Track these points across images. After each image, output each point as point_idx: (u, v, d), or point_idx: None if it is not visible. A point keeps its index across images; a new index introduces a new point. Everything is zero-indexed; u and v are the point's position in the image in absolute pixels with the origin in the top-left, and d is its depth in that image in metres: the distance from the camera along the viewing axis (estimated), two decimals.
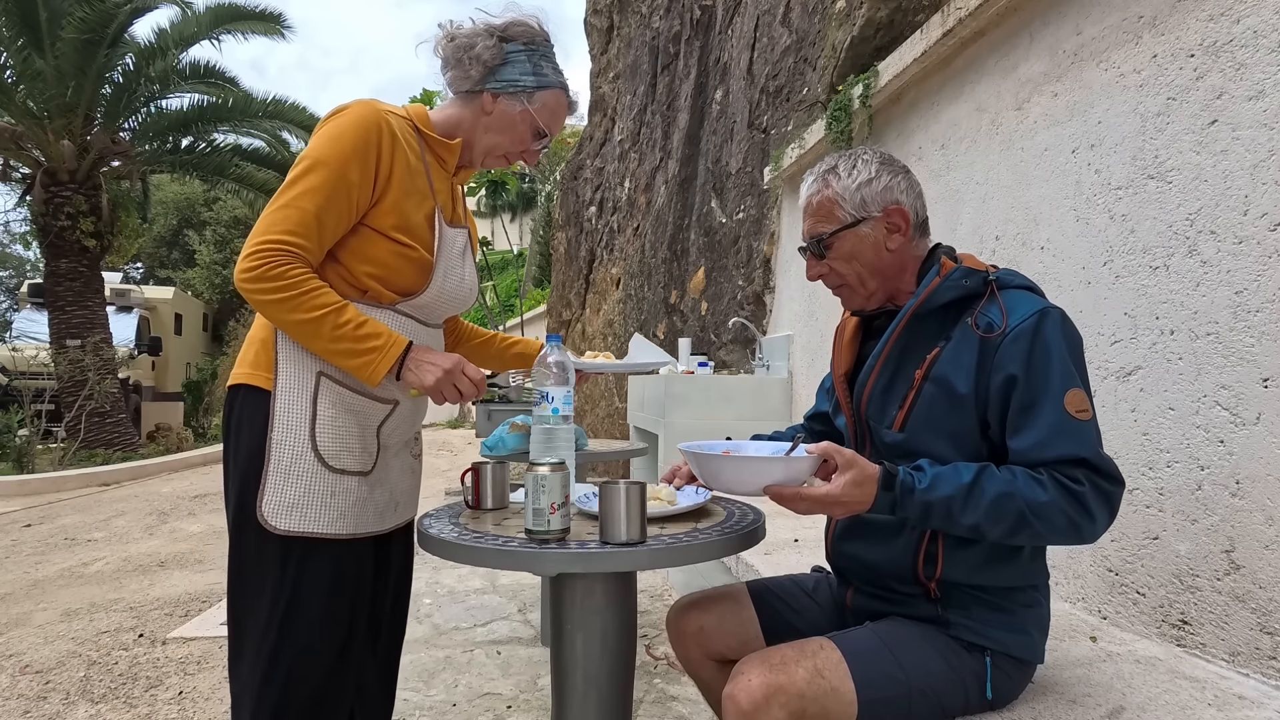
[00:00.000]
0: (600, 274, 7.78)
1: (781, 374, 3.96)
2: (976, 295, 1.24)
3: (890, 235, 1.30)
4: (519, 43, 1.40)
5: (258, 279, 1.21)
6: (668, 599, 3.47)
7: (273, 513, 1.27)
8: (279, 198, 1.27)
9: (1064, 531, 1.11)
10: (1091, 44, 1.91)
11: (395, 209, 1.33)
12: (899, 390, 1.27)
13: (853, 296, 1.35)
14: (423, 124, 1.42)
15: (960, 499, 1.11)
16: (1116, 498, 1.13)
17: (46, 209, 9.78)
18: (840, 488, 1.12)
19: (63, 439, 9.32)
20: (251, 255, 1.22)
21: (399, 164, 1.33)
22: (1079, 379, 1.16)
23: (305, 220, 1.25)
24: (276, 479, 1.27)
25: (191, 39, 10.37)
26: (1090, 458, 1.11)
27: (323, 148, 1.28)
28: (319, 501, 1.29)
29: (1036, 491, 1.10)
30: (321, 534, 1.30)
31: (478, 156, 1.47)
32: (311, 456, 1.29)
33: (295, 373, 1.30)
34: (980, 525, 1.12)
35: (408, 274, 1.36)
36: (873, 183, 1.30)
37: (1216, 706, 1.29)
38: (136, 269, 25.24)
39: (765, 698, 1.10)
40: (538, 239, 18.10)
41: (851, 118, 3.10)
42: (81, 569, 4.30)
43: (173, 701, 2.52)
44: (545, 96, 1.43)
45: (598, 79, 8.30)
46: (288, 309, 1.23)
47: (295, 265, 1.23)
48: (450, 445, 10.96)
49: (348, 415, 1.34)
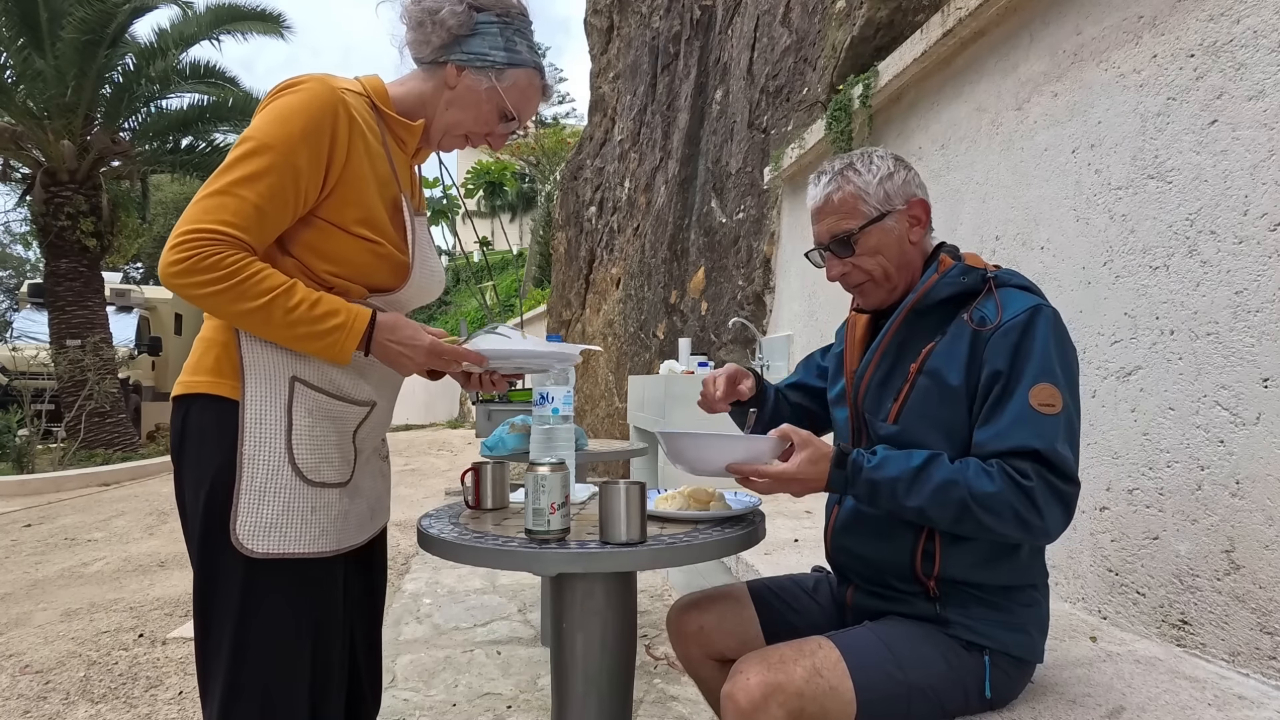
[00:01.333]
0: (600, 274, 7.78)
1: (781, 374, 3.96)
2: (975, 292, 1.25)
3: (913, 228, 1.32)
4: (492, 13, 1.26)
5: (188, 271, 1.06)
6: (668, 599, 3.47)
7: (249, 535, 1.13)
8: (213, 182, 1.11)
9: (1012, 525, 1.10)
10: (1091, 44, 1.91)
11: (357, 201, 1.20)
12: (895, 384, 1.29)
13: (876, 291, 1.35)
14: (381, 100, 1.27)
15: (906, 481, 1.13)
16: (1070, 497, 1.11)
17: (46, 209, 9.78)
18: (796, 465, 1.17)
19: (63, 439, 9.32)
20: (179, 246, 1.06)
21: (356, 150, 1.19)
22: (1057, 375, 1.15)
23: (243, 210, 1.09)
24: (250, 498, 1.14)
25: (191, 39, 10.37)
26: (1043, 450, 1.10)
27: (269, 129, 1.12)
28: (299, 519, 1.17)
29: (984, 482, 1.10)
30: (304, 554, 1.17)
31: (435, 134, 1.32)
32: (289, 471, 1.16)
33: (265, 380, 1.16)
34: (925, 509, 1.13)
35: (381, 272, 1.25)
36: (894, 176, 1.31)
37: (1216, 706, 1.29)
38: (136, 269, 25.22)
39: (764, 697, 1.10)
40: (538, 239, 18.10)
41: (851, 118, 3.10)
42: (81, 569, 4.30)
43: (173, 701, 2.52)
44: (517, 75, 1.28)
45: (598, 79, 8.30)
46: (230, 299, 1.08)
47: (231, 251, 1.08)
48: (450, 445, 10.96)
49: (325, 422, 1.21)
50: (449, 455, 9.75)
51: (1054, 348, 1.16)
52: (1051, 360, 1.15)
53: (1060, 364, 1.16)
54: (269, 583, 1.17)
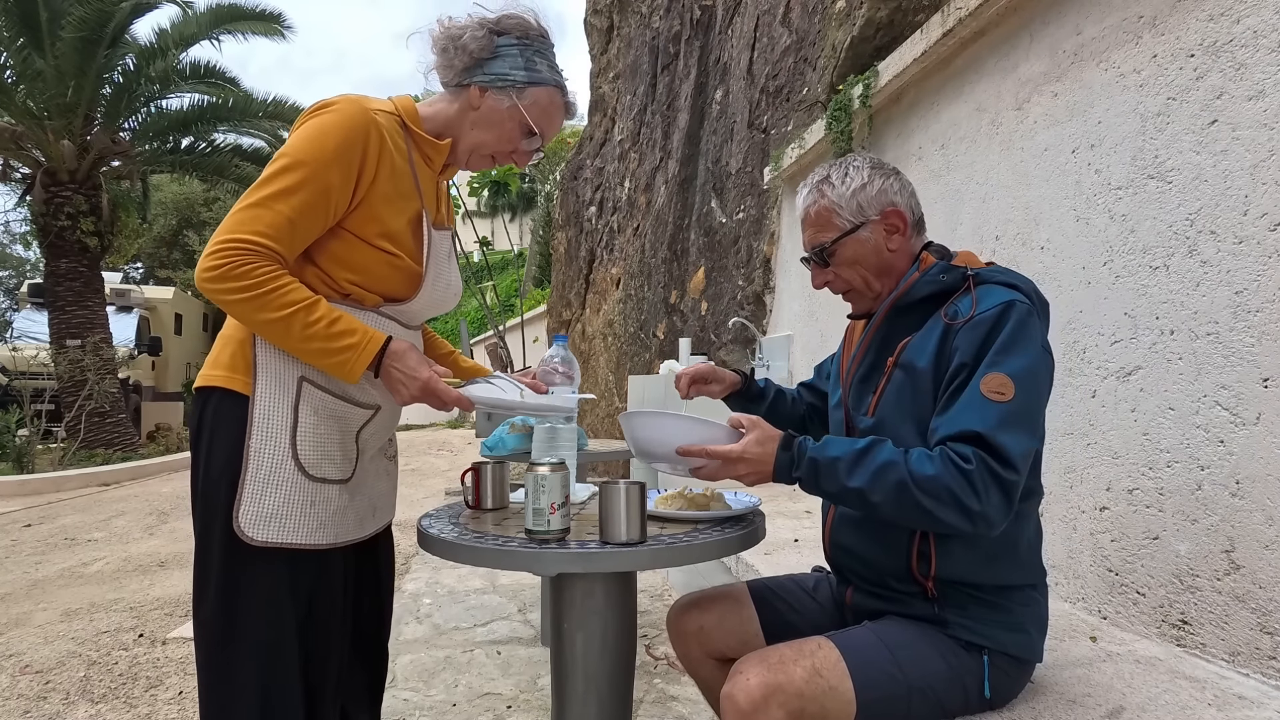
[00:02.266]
0: (600, 274, 7.78)
1: (782, 374, 3.96)
2: (955, 289, 1.26)
3: (890, 236, 1.34)
4: (512, 36, 1.33)
5: (221, 278, 1.14)
6: (668, 599, 3.47)
7: (250, 523, 1.21)
8: (250, 195, 1.19)
9: (952, 509, 1.08)
10: (1091, 44, 1.91)
11: (380, 215, 1.27)
12: (874, 379, 1.31)
13: (860, 300, 1.39)
14: (411, 120, 1.35)
15: (848, 461, 1.13)
16: (1011, 485, 1.08)
17: (46, 209, 9.78)
18: (743, 445, 1.18)
19: (63, 439, 9.32)
20: (215, 253, 1.14)
21: (384, 168, 1.27)
22: (1013, 365, 1.13)
23: (278, 222, 1.17)
24: (254, 488, 1.21)
25: (191, 39, 10.36)
26: (984, 433, 1.08)
27: (304, 147, 1.20)
28: (298, 511, 1.24)
29: (924, 465, 1.10)
30: (300, 545, 1.24)
31: (462, 155, 1.40)
32: (291, 465, 1.23)
33: (275, 378, 1.24)
34: (865, 491, 1.12)
35: (395, 282, 1.32)
36: (867, 187, 1.33)
37: (1216, 706, 1.29)
38: (136, 269, 25.23)
39: (764, 697, 1.10)
40: (538, 239, 18.11)
41: (851, 118, 3.10)
42: (81, 569, 4.30)
43: (173, 701, 2.52)
44: (537, 93, 1.35)
45: (598, 79, 8.30)
46: (255, 308, 1.16)
47: (263, 263, 1.16)
48: (450, 445, 10.96)
49: (330, 421, 1.28)
50: (449, 455, 9.75)
51: (1019, 341, 1.14)
52: (1011, 352, 1.14)
53: (1022, 356, 1.14)
54: (266, 569, 1.23)
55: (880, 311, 1.33)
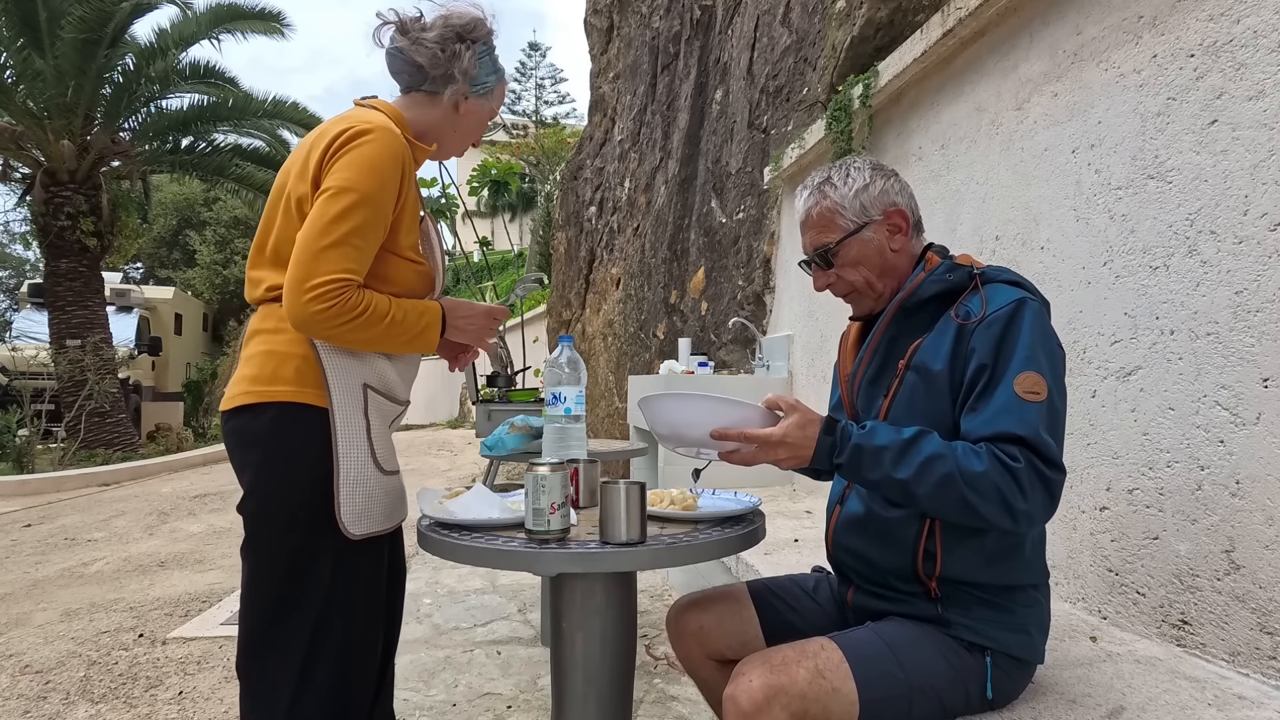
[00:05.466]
0: (600, 274, 7.77)
1: (782, 374, 3.96)
2: (962, 289, 1.27)
3: (893, 236, 1.34)
4: (482, 44, 1.44)
5: (334, 317, 1.25)
6: (668, 599, 3.47)
7: (352, 521, 1.33)
8: (329, 232, 1.25)
9: (996, 505, 1.09)
10: (1091, 44, 1.91)
11: (407, 230, 1.38)
12: (885, 381, 1.31)
13: (863, 300, 1.38)
14: (403, 128, 1.41)
15: (895, 450, 1.12)
16: (1056, 484, 1.11)
17: (46, 209, 9.77)
18: (784, 429, 1.16)
19: (63, 439, 9.32)
20: (321, 296, 1.23)
21: (409, 187, 1.36)
22: (1041, 364, 1.15)
23: (359, 257, 1.28)
24: (347, 490, 1.33)
25: (191, 39, 10.36)
26: (1028, 437, 1.10)
27: (364, 181, 1.28)
28: (378, 504, 1.37)
29: (972, 461, 1.10)
30: (381, 531, 1.38)
31: (442, 154, 1.51)
32: (372, 465, 1.36)
33: (347, 389, 1.35)
34: (909, 483, 1.11)
35: (419, 286, 1.43)
36: (869, 188, 1.33)
37: (1216, 706, 1.29)
38: (136, 269, 25.21)
39: (766, 699, 1.10)
40: (538, 239, 18.11)
41: (851, 118, 3.10)
42: (81, 569, 4.30)
43: (173, 701, 2.52)
44: (499, 88, 1.50)
45: (598, 79, 8.30)
46: (360, 329, 1.28)
47: (358, 294, 1.28)
48: (450, 445, 10.96)
49: (382, 419, 1.41)
50: (449, 455, 9.75)
51: (1038, 338, 1.16)
52: (1036, 349, 1.15)
53: (1044, 353, 1.16)
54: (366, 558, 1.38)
55: (888, 312, 1.32)
